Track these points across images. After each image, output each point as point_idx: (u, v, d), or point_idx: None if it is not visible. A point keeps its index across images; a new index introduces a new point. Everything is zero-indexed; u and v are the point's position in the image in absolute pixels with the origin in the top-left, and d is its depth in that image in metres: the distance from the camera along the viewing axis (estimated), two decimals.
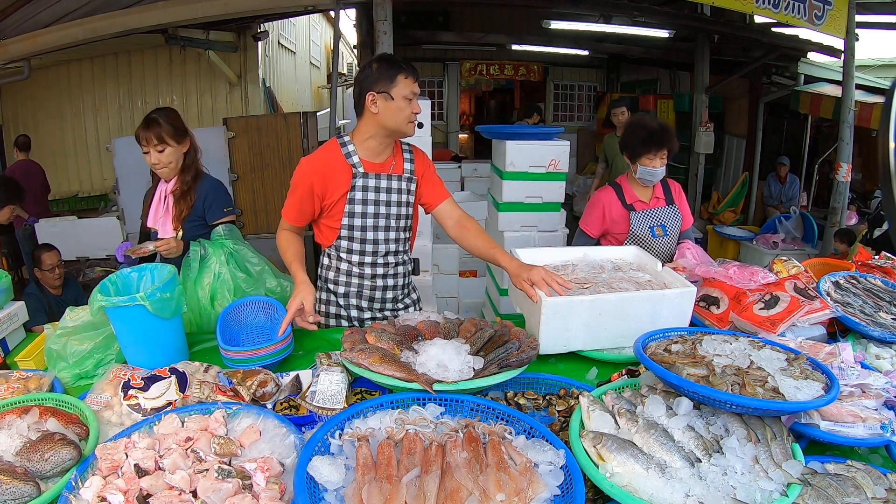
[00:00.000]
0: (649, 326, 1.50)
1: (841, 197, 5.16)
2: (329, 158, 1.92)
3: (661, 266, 1.91)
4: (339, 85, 9.74)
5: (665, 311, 1.67)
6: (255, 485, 1.06)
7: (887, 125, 3.83)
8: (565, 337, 1.65)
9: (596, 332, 1.67)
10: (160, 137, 2.12)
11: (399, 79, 1.82)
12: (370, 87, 1.83)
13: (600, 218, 2.45)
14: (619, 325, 1.66)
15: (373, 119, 1.87)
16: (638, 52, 8.48)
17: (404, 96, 1.83)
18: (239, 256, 2.06)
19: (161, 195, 2.23)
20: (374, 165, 1.95)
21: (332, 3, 4.94)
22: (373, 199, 1.94)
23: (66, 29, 4.64)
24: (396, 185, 1.97)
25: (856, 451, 1.27)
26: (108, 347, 1.64)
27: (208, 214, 2.22)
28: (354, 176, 1.91)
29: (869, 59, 8.05)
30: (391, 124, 1.86)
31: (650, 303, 1.66)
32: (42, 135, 6.78)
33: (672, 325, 1.61)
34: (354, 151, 1.93)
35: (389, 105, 1.83)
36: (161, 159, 2.15)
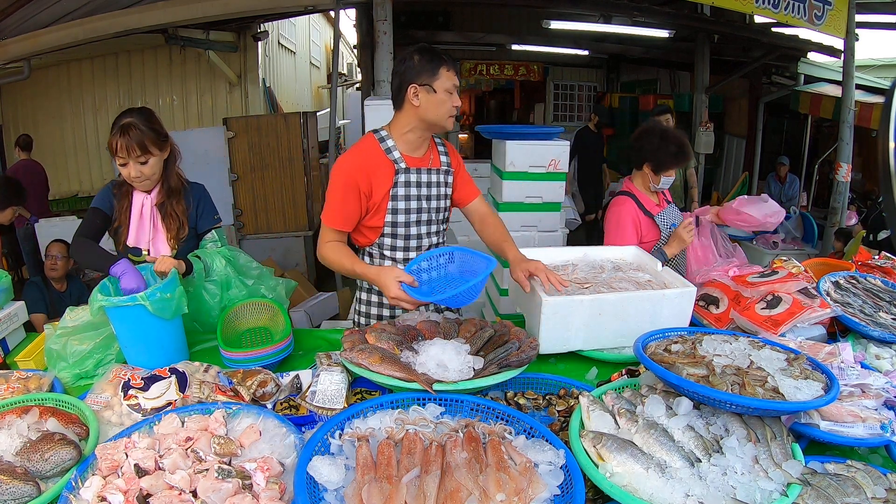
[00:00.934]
0: (649, 326, 1.50)
1: (841, 197, 5.16)
2: (370, 155, 1.85)
3: (660, 266, 1.91)
4: (339, 85, 9.74)
5: (665, 311, 1.67)
6: (255, 485, 1.06)
7: (887, 125, 3.84)
8: (565, 336, 1.65)
9: (596, 331, 1.67)
10: (143, 146, 1.79)
11: (441, 71, 1.76)
12: (412, 80, 1.78)
13: (635, 234, 2.41)
14: (618, 325, 1.66)
15: (413, 112, 1.82)
16: (638, 52, 8.48)
17: (446, 89, 1.78)
18: (238, 264, 1.99)
19: (142, 209, 1.93)
20: (414, 160, 1.90)
21: (332, 3, 4.95)
22: (415, 194, 1.90)
23: (66, 29, 4.64)
24: (436, 178, 1.94)
25: (856, 451, 1.27)
26: (108, 347, 1.64)
27: (199, 223, 2.02)
28: (397, 172, 1.85)
29: (869, 59, 8.05)
30: (432, 117, 1.81)
31: (650, 302, 1.66)
32: (42, 135, 6.78)
33: (672, 325, 1.61)
34: (395, 146, 1.86)
35: (431, 98, 1.78)
36: (143, 171, 1.83)
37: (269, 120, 5.80)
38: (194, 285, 1.88)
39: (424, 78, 1.77)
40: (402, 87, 1.80)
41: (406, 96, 1.80)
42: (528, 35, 8.72)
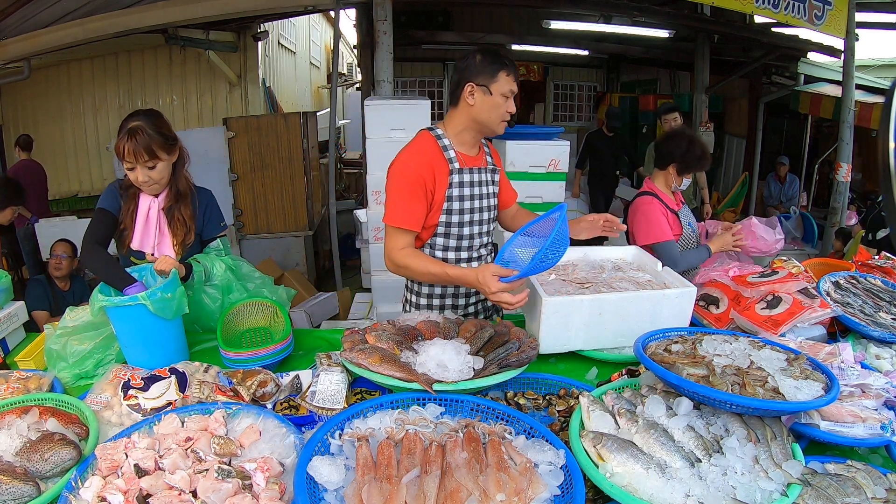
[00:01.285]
0: (649, 326, 1.50)
1: (841, 197, 5.16)
2: (431, 153, 1.83)
3: (660, 266, 1.91)
4: (339, 85, 9.75)
5: (665, 311, 1.67)
6: (255, 485, 1.06)
7: (887, 125, 3.83)
8: (565, 336, 1.65)
9: (596, 331, 1.67)
10: (150, 151, 1.74)
11: (501, 75, 1.76)
12: (470, 78, 1.78)
13: (667, 224, 2.48)
14: (619, 325, 1.66)
15: (467, 111, 1.82)
16: (638, 52, 8.48)
17: (502, 93, 1.77)
18: (240, 273, 1.98)
19: (148, 213, 1.89)
20: (469, 159, 1.90)
21: (332, 3, 4.95)
22: (468, 193, 1.89)
23: (66, 29, 4.64)
24: (486, 177, 1.95)
25: (856, 451, 1.27)
26: (108, 347, 1.64)
27: (205, 229, 1.99)
28: (451, 172, 1.83)
29: (869, 59, 8.05)
30: (484, 119, 1.81)
31: (650, 302, 1.66)
32: (42, 135, 6.77)
33: (672, 325, 1.61)
34: (451, 145, 1.85)
35: (487, 99, 1.78)
36: (151, 176, 1.78)
37: (269, 120, 5.80)
38: (194, 289, 1.87)
39: (482, 78, 1.77)
40: (460, 85, 1.80)
41: (462, 94, 1.80)
42: (528, 35, 8.71)
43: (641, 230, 2.47)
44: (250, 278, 1.99)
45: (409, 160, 1.81)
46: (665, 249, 2.39)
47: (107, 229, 1.89)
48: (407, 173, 1.79)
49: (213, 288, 1.91)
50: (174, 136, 1.85)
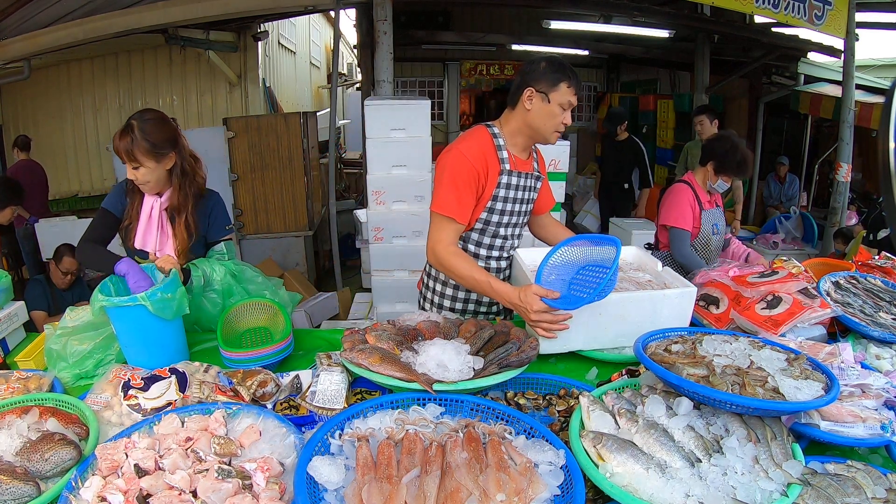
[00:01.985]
0: (650, 326, 1.50)
1: (841, 197, 5.16)
2: (487, 148, 1.83)
3: (660, 266, 1.91)
4: (339, 85, 9.74)
5: (665, 311, 1.67)
6: (255, 485, 1.06)
7: (887, 125, 3.84)
8: (565, 336, 1.64)
9: (595, 332, 1.66)
10: (130, 154, 1.75)
11: (562, 85, 1.77)
12: (531, 83, 1.79)
13: (690, 214, 2.62)
14: (619, 326, 1.66)
15: (522, 115, 1.83)
16: (638, 52, 8.48)
17: (560, 104, 1.78)
18: (243, 278, 1.96)
19: (150, 212, 1.89)
20: (520, 162, 1.91)
21: (332, 3, 4.95)
22: (512, 196, 1.90)
23: (66, 29, 4.65)
24: (531, 183, 1.96)
25: (856, 451, 1.27)
26: (108, 347, 1.64)
27: (210, 232, 1.98)
28: (502, 172, 1.84)
29: (869, 59, 8.05)
30: (538, 125, 1.82)
31: (650, 303, 1.66)
32: (42, 135, 6.77)
33: (672, 325, 1.61)
34: (505, 146, 1.86)
35: (544, 107, 1.79)
36: (137, 177, 1.79)
37: (269, 120, 5.80)
38: (193, 294, 1.86)
39: (543, 85, 1.78)
40: (521, 87, 1.81)
41: (521, 97, 1.81)
42: (528, 35, 8.72)
43: (664, 210, 2.66)
44: (252, 282, 1.98)
45: (466, 151, 1.81)
46: (677, 235, 2.56)
47: (105, 230, 1.89)
48: (464, 164, 1.79)
49: (214, 292, 1.91)
50: (167, 141, 1.81)
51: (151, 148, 1.76)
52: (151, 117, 1.81)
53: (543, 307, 1.52)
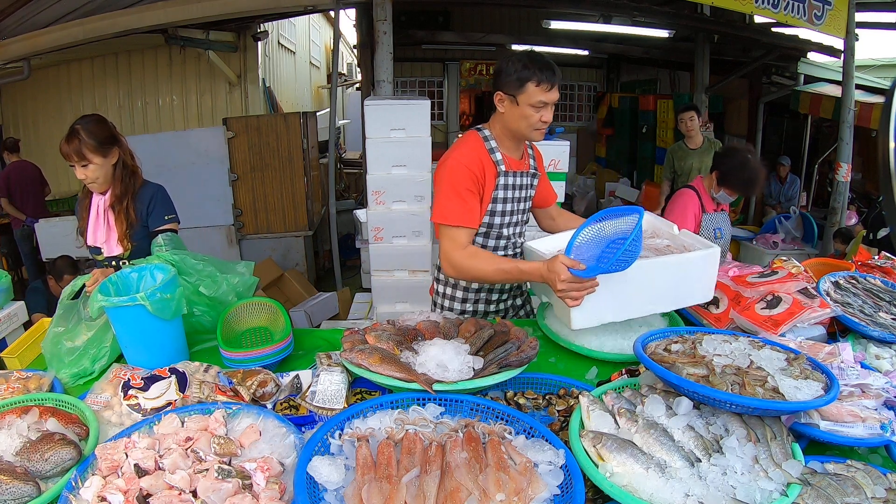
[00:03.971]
0: (675, 291, 1.50)
1: (841, 197, 5.16)
2: (481, 154, 1.84)
3: (677, 228, 1.85)
4: (339, 85, 9.74)
5: (691, 274, 1.61)
6: (255, 485, 1.06)
7: (887, 125, 3.84)
8: (595, 309, 1.58)
9: (624, 301, 1.60)
10: (80, 153, 1.94)
11: (528, 86, 1.72)
12: (499, 86, 1.78)
13: (692, 220, 2.65)
14: (646, 293, 1.60)
15: (500, 117, 1.84)
16: (638, 52, 8.49)
17: (531, 104, 1.74)
18: (183, 266, 1.86)
19: (97, 210, 2.08)
20: (513, 162, 1.91)
21: (332, 3, 4.95)
22: (511, 196, 1.91)
23: (66, 29, 4.65)
24: (527, 181, 1.97)
25: (856, 450, 1.27)
26: (101, 341, 1.64)
27: (150, 221, 2.08)
28: (499, 174, 1.85)
29: (869, 59, 8.04)
30: (514, 127, 1.82)
31: (675, 267, 1.60)
32: (42, 135, 6.78)
33: (698, 288, 1.59)
34: (497, 148, 1.87)
35: (514, 109, 1.77)
36: (87, 175, 1.98)
37: (269, 120, 5.80)
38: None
39: (510, 87, 1.75)
40: (493, 91, 1.81)
41: (495, 100, 1.82)
42: (528, 35, 8.72)
43: (667, 215, 2.71)
44: (195, 271, 1.87)
45: (462, 158, 1.80)
46: None
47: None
48: (461, 171, 1.78)
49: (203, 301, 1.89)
50: (110, 138, 2.00)
51: (98, 145, 1.95)
52: (92, 119, 2.01)
53: (571, 276, 1.50)
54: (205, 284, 1.84)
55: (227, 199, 5.70)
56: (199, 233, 5.37)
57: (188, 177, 5.39)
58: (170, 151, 5.41)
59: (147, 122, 7.02)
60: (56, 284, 3.89)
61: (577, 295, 1.53)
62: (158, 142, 5.59)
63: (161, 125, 6.97)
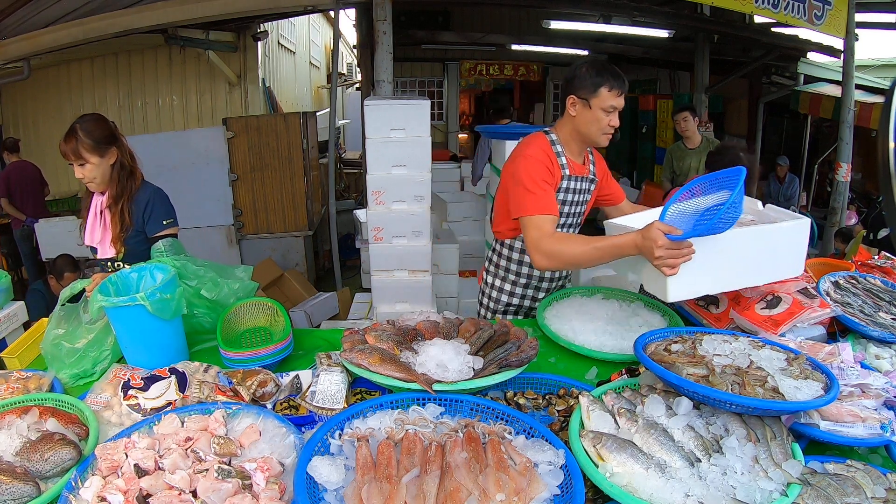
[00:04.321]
0: (768, 263, 1.48)
1: (841, 197, 5.16)
2: (548, 153, 1.90)
3: (761, 205, 1.80)
4: (339, 85, 9.74)
5: (782, 245, 1.56)
6: (255, 485, 1.06)
7: (887, 125, 3.84)
8: (692, 281, 1.51)
9: (718, 272, 1.53)
10: (76, 152, 1.93)
11: (602, 91, 1.80)
12: (571, 90, 1.85)
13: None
14: (740, 264, 1.54)
15: (570, 121, 1.90)
16: (638, 52, 8.49)
17: (603, 108, 1.81)
18: (184, 271, 1.87)
19: (96, 210, 2.08)
20: (576, 167, 1.96)
21: (332, 3, 4.94)
22: (570, 199, 1.97)
23: (65, 29, 4.64)
24: (585, 186, 2.02)
25: (855, 450, 1.27)
26: (102, 343, 1.64)
27: (147, 227, 2.05)
28: (563, 177, 1.92)
29: (869, 59, 8.04)
30: (584, 130, 1.88)
31: (767, 237, 1.55)
32: (42, 135, 6.77)
33: (788, 262, 1.56)
34: (563, 151, 1.93)
35: (587, 113, 1.84)
36: (84, 174, 1.97)
37: (268, 120, 5.80)
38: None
39: (584, 91, 1.81)
40: (564, 95, 1.87)
41: (566, 104, 1.87)
42: (528, 35, 8.73)
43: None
44: (196, 276, 1.88)
45: (534, 155, 1.87)
46: None
47: None
48: (537, 166, 1.84)
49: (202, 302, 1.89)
50: (109, 138, 1.99)
51: (95, 144, 1.94)
52: (91, 118, 1.99)
53: (668, 241, 1.43)
54: (206, 288, 1.85)
55: (227, 199, 5.69)
56: (199, 233, 5.37)
57: (188, 177, 5.39)
58: (170, 151, 5.41)
59: (147, 122, 7.02)
60: (57, 284, 3.88)
61: (674, 262, 1.45)
62: (158, 142, 5.59)
63: (161, 125, 6.97)
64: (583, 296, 2.07)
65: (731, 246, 1.50)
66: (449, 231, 4.39)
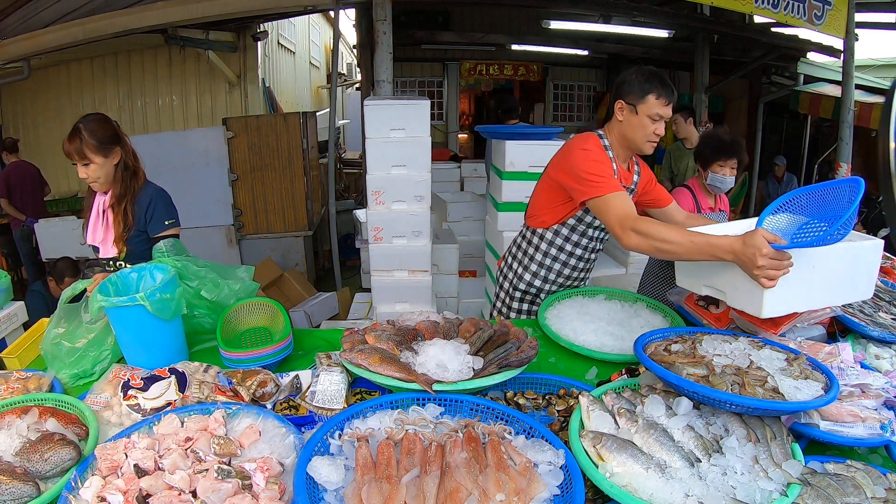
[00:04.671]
0: (849, 282, 1.47)
1: None
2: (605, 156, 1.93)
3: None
4: (339, 85, 9.74)
5: (861, 267, 1.53)
6: (255, 485, 1.06)
7: (887, 125, 3.84)
8: (785, 297, 1.42)
9: (808, 290, 1.46)
10: (81, 152, 1.94)
11: (650, 98, 1.83)
12: (620, 95, 1.88)
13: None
14: (828, 281, 1.48)
15: (618, 126, 1.93)
16: (638, 52, 8.48)
17: (649, 115, 1.84)
18: (185, 272, 1.85)
19: (98, 209, 2.09)
20: (623, 173, 1.99)
21: (331, 3, 4.94)
22: None
23: (65, 29, 4.64)
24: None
25: (855, 450, 1.27)
26: (102, 343, 1.64)
27: (149, 227, 2.05)
28: None
29: (869, 59, 8.04)
30: (629, 136, 1.91)
31: (850, 255, 1.50)
32: (42, 135, 6.77)
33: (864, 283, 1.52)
34: (614, 158, 1.95)
35: (633, 118, 1.87)
36: (88, 174, 1.98)
37: (268, 120, 5.80)
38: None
39: (632, 97, 1.85)
40: (614, 100, 1.91)
41: (615, 109, 1.91)
42: (528, 35, 8.72)
43: None
44: (197, 277, 1.86)
45: (594, 150, 1.89)
46: None
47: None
48: (596, 150, 1.88)
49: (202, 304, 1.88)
50: (113, 138, 2.00)
51: (99, 144, 1.95)
52: (95, 118, 2.00)
53: (773, 251, 1.33)
54: (207, 289, 1.84)
55: (227, 199, 5.69)
56: (199, 233, 5.37)
57: (188, 177, 5.38)
58: (169, 151, 5.40)
59: (147, 122, 7.01)
60: (56, 286, 3.88)
61: (775, 274, 1.34)
62: (158, 142, 5.59)
63: (161, 125, 6.97)
64: (585, 296, 2.08)
65: (823, 262, 1.43)
66: (449, 231, 4.39)
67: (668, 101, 1.84)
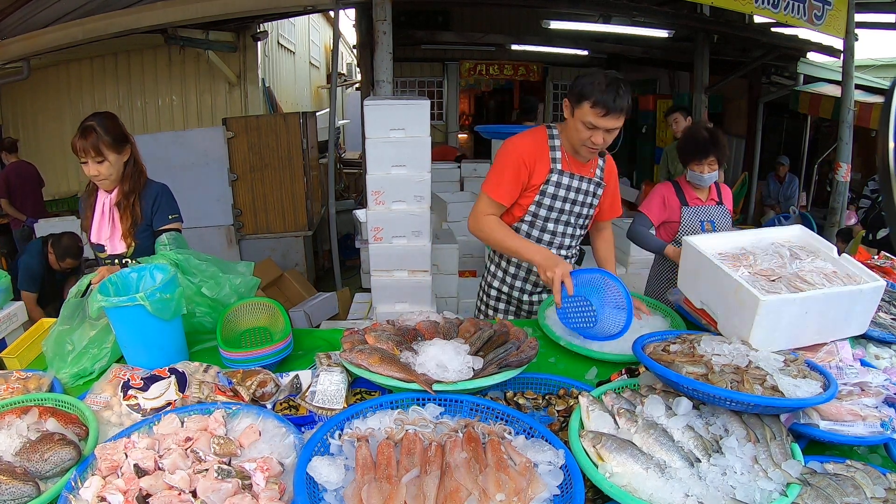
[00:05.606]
0: (843, 323, 1.48)
1: (840, 197, 5.16)
2: (540, 143, 1.97)
3: (836, 252, 1.71)
4: (339, 85, 9.74)
5: (858, 307, 1.53)
6: (255, 485, 1.06)
7: (887, 125, 3.83)
8: (772, 337, 1.46)
9: (798, 330, 1.50)
10: (97, 149, 1.94)
11: (584, 104, 1.79)
12: (568, 93, 1.89)
13: (660, 205, 2.68)
14: (818, 323, 1.50)
15: (565, 122, 1.95)
16: (637, 52, 8.48)
17: (582, 121, 1.82)
18: (186, 266, 1.87)
19: (103, 208, 2.09)
20: (575, 164, 1.99)
21: (331, 3, 4.94)
22: (562, 195, 1.99)
23: (65, 29, 4.64)
24: (586, 186, 2.02)
25: (855, 450, 1.27)
26: (102, 341, 1.64)
27: (154, 220, 2.10)
28: (551, 171, 1.95)
29: (869, 59, 8.04)
30: (568, 135, 1.94)
31: (848, 298, 1.51)
32: (42, 135, 6.77)
33: (861, 322, 1.55)
34: (559, 146, 1.97)
35: (570, 120, 1.89)
36: (100, 171, 1.98)
37: (268, 120, 5.79)
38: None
39: (572, 98, 1.85)
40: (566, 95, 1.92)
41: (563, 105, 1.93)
42: (528, 35, 8.72)
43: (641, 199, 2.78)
44: (198, 271, 1.88)
45: (517, 142, 1.98)
46: (636, 217, 2.70)
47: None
48: (511, 151, 1.95)
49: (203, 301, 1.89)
50: (124, 135, 2.03)
51: (113, 141, 1.97)
52: (106, 116, 2.02)
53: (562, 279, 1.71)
54: (207, 286, 1.85)
55: (227, 199, 5.69)
56: (199, 233, 5.37)
57: (188, 177, 5.38)
58: (169, 151, 5.41)
59: (147, 122, 7.01)
60: (56, 261, 3.88)
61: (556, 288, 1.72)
62: (158, 142, 5.59)
63: (161, 125, 6.97)
64: None
65: (817, 307, 1.47)
66: (449, 231, 4.39)
67: (604, 111, 1.75)
